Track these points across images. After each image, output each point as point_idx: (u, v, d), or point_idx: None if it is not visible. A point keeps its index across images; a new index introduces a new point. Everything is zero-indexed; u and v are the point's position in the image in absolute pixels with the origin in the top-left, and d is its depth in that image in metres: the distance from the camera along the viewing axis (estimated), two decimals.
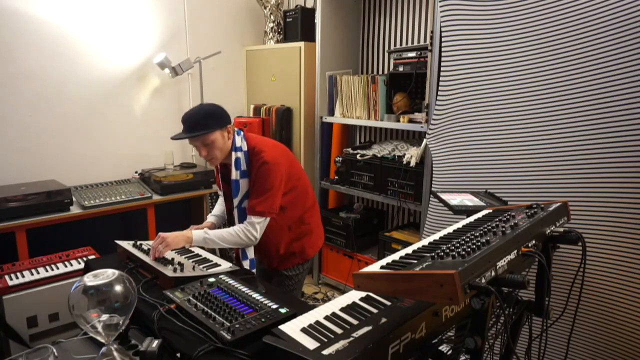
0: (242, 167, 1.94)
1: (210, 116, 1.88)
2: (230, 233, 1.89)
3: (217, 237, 1.88)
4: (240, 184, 1.94)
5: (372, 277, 1.04)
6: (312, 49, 3.40)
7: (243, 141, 1.96)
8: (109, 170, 3.36)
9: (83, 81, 3.17)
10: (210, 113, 1.90)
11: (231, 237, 1.89)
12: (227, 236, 1.89)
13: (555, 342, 2.01)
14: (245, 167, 1.94)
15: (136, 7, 3.34)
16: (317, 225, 2.19)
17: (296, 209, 2.05)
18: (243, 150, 1.95)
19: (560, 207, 1.39)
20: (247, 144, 1.96)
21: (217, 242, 1.88)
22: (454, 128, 2.28)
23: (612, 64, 1.71)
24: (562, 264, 1.90)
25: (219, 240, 1.88)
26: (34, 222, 2.59)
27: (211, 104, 1.96)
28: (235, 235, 1.89)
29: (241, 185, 1.95)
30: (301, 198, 2.07)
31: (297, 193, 2.04)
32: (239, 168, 1.93)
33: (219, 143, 1.90)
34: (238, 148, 1.94)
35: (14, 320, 2.17)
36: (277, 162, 1.92)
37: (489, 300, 0.97)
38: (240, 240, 1.89)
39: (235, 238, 1.89)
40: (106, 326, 1.21)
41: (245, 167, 1.94)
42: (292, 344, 1.06)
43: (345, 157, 3.30)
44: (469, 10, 2.11)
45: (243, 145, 1.95)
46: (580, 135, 1.84)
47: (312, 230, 2.14)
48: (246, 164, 1.95)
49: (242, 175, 1.94)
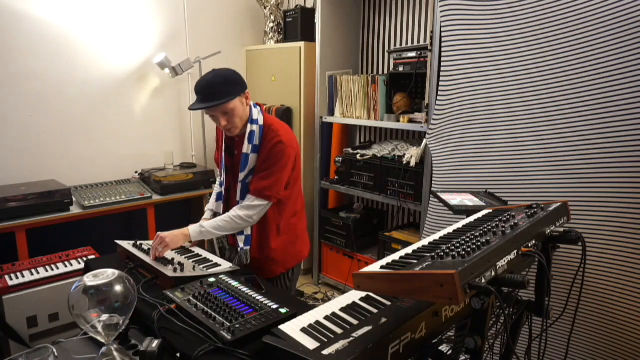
0: (255, 142, 1.85)
1: (229, 82, 1.75)
2: (226, 220, 1.84)
3: (213, 227, 1.84)
4: (250, 158, 1.86)
5: (372, 277, 1.04)
6: (312, 49, 3.40)
7: (260, 115, 1.87)
8: (109, 170, 3.36)
9: (83, 81, 3.17)
10: (229, 79, 1.76)
11: (228, 224, 1.84)
12: (223, 224, 1.84)
13: (555, 342, 2.01)
14: (258, 142, 1.85)
15: (136, 7, 3.34)
16: (302, 231, 2.10)
17: (288, 206, 1.97)
18: (259, 124, 1.85)
19: (560, 207, 1.39)
20: (263, 120, 1.87)
21: (214, 232, 1.84)
22: (454, 128, 2.28)
23: (612, 64, 1.71)
24: (562, 264, 1.90)
25: (216, 229, 1.84)
26: (34, 222, 2.59)
27: (226, 69, 1.81)
28: (232, 221, 1.84)
29: (250, 159, 1.86)
30: (293, 197, 2.00)
31: (293, 189, 1.97)
32: (251, 142, 1.84)
33: (239, 111, 1.79)
34: (255, 121, 1.84)
35: (14, 320, 2.17)
36: (291, 144, 1.85)
37: (489, 300, 0.97)
38: (237, 225, 1.84)
39: (233, 224, 1.84)
40: (106, 326, 1.21)
41: (257, 142, 1.85)
42: (292, 344, 1.06)
43: (345, 157, 3.30)
44: (469, 10, 2.11)
45: (260, 119, 1.86)
46: (580, 135, 1.83)
47: (299, 236, 2.06)
48: (259, 140, 1.85)
49: (254, 149, 1.85)
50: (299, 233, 2.08)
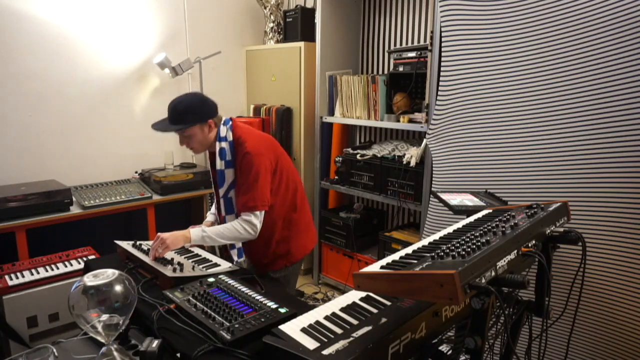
0: (227, 157, 1.92)
1: (189, 111, 1.85)
2: (228, 228, 1.86)
3: (215, 234, 1.85)
4: (226, 174, 1.93)
5: (372, 277, 1.04)
6: (312, 49, 3.40)
7: (229, 131, 1.93)
8: (109, 170, 3.36)
9: (83, 81, 3.17)
10: (189, 108, 1.86)
11: (229, 232, 1.86)
12: (226, 232, 1.86)
13: (555, 342, 2.01)
14: (230, 157, 1.92)
15: (136, 7, 3.34)
16: (307, 226, 2.13)
17: (284, 206, 2.00)
18: (228, 140, 1.92)
19: (560, 207, 1.39)
20: (232, 134, 1.93)
21: (215, 239, 1.85)
22: (454, 128, 2.28)
23: (612, 64, 1.71)
24: (562, 264, 1.90)
25: (218, 237, 1.85)
26: (34, 222, 2.59)
27: (195, 96, 1.92)
28: (233, 230, 1.86)
29: (226, 175, 1.93)
30: (289, 195, 2.02)
31: (285, 190, 1.99)
32: (223, 158, 1.92)
33: (197, 137, 1.89)
34: (223, 138, 1.92)
35: (14, 320, 2.17)
36: (259, 152, 1.88)
37: (489, 300, 0.97)
38: (240, 235, 1.86)
39: (234, 233, 1.86)
40: (106, 326, 1.21)
41: (230, 157, 1.92)
42: (292, 344, 1.06)
43: (345, 157, 3.30)
44: (469, 10, 2.11)
45: (228, 136, 1.92)
46: (580, 135, 1.83)
47: (301, 231, 2.08)
48: (231, 154, 1.92)
49: (227, 165, 1.92)
50: (303, 228, 2.09)
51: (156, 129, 1.90)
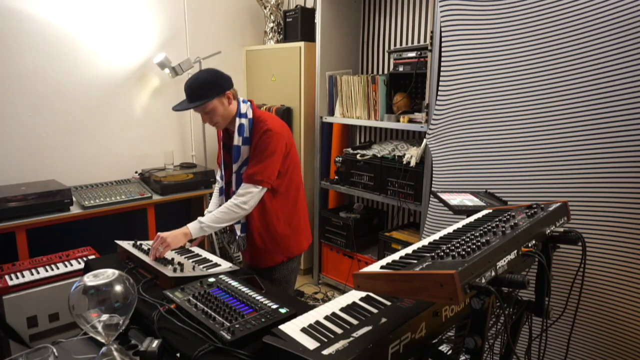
0: (245, 134, 1.93)
1: (206, 85, 1.87)
2: (223, 211, 1.88)
3: (212, 221, 1.87)
4: (242, 150, 1.94)
5: (372, 277, 1.04)
6: (312, 49, 3.40)
7: (249, 109, 1.96)
8: (109, 170, 3.36)
9: (83, 81, 3.17)
10: (206, 82, 1.87)
11: (225, 215, 1.87)
12: (221, 215, 1.87)
13: (555, 342, 2.01)
14: (248, 134, 1.94)
15: (136, 7, 3.34)
16: (305, 224, 2.16)
17: (288, 197, 2.02)
18: (248, 117, 1.94)
19: (560, 207, 1.39)
20: (252, 113, 1.96)
21: (214, 226, 1.87)
22: (454, 128, 2.28)
23: (612, 64, 1.71)
24: (562, 264, 1.90)
25: (215, 223, 1.87)
26: (34, 222, 2.59)
27: (209, 71, 1.93)
28: (229, 211, 1.87)
29: (242, 151, 1.94)
30: (293, 187, 2.04)
31: (291, 179, 2.01)
32: (242, 134, 1.93)
33: (219, 110, 1.90)
34: (243, 114, 1.94)
35: (14, 320, 2.17)
36: (279, 132, 1.91)
37: (489, 300, 0.97)
38: (234, 214, 1.88)
39: (230, 214, 1.87)
40: (106, 326, 1.21)
41: (248, 134, 1.94)
42: (292, 344, 1.06)
43: (345, 157, 3.30)
44: (469, 10, 2.11)
45: (248, 113, 1.95)
46: (580, 135, 1.83)
47: (300, 227, 2.10)
48: (249, 132, 1.94)
49: (245, 142, 1.94)
50: (302, 225, 2.12)
51: (177, 110, 1.93)
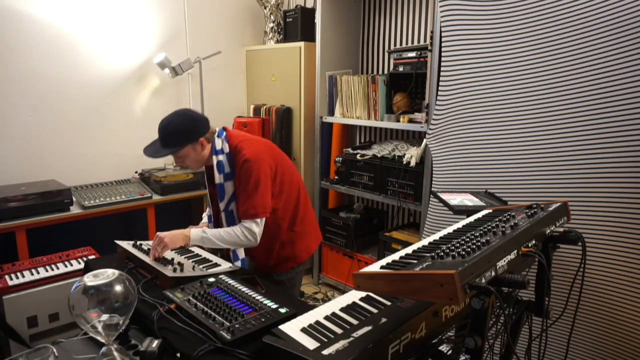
0: (225, 170, 1.88)
1: (179, 133, 1.81)
2: (229, 233, 1.84)
3: (215, 237, 1.83)
4: (225, 187, 1.88)
5: (372, 277, 1.04)
6: (312, 49, 3.40)
7: (224, 143, 1.89)
8: (109, 170, 3.36)
9: (83, 81, 3.17)
10: (178, 130, 1.81)
11: (230, 237, 1.83)
12: (226, 236, 1.83)
13: (555, 342, 2.01)
14: (229, 169, 1.88)
15: (136, 7, 3.34)
16: (311, 227, 2.11)
17: (287, 210, 1.97)
18: (224, 152, 1.88)
19: (560, 207, 1.39)
20: (228, 145, 1.89)
21: (215, 242, 1.83)
22: (454, 128, 2.28)
23: (612, 64, 1.71)
24: (562, 264, 1.90)
25: (217, 240, 1.83)
26: (34, 222, 2.59)
27: (184, 116, 1.86)
28: (234, 235, 1.83)
29: (226, 188, 1.89)
30: (292, 198, 1.99)
31: (288, 193, 1.96)
32: (221, 171, 1.88)
33: (191, 156, 1.86)
34: (219, 151, 1.87)
35: (14, 320, 2.17)
36: (258, 157, 1.84)
37: (489, 300, 0.97)
38: (240, 240, 1.84)
39: (234, 238, 1.83)
40: (106, 326, 1.21)
41: (228, 169, 1.88)
42: (292, 344, 1.06)
43: (345, 157, 3.30)
44: (469, 10, 2.11)
45: (224, 147, 1.88)
46: (580, 135, 1.83)
47: (305, 232, 2.05)
48: (229, 166, 1.88)
49: (226, 178, 1.88)
50: (307, 229, 2.06)
51: (148, 155, 1.85)
